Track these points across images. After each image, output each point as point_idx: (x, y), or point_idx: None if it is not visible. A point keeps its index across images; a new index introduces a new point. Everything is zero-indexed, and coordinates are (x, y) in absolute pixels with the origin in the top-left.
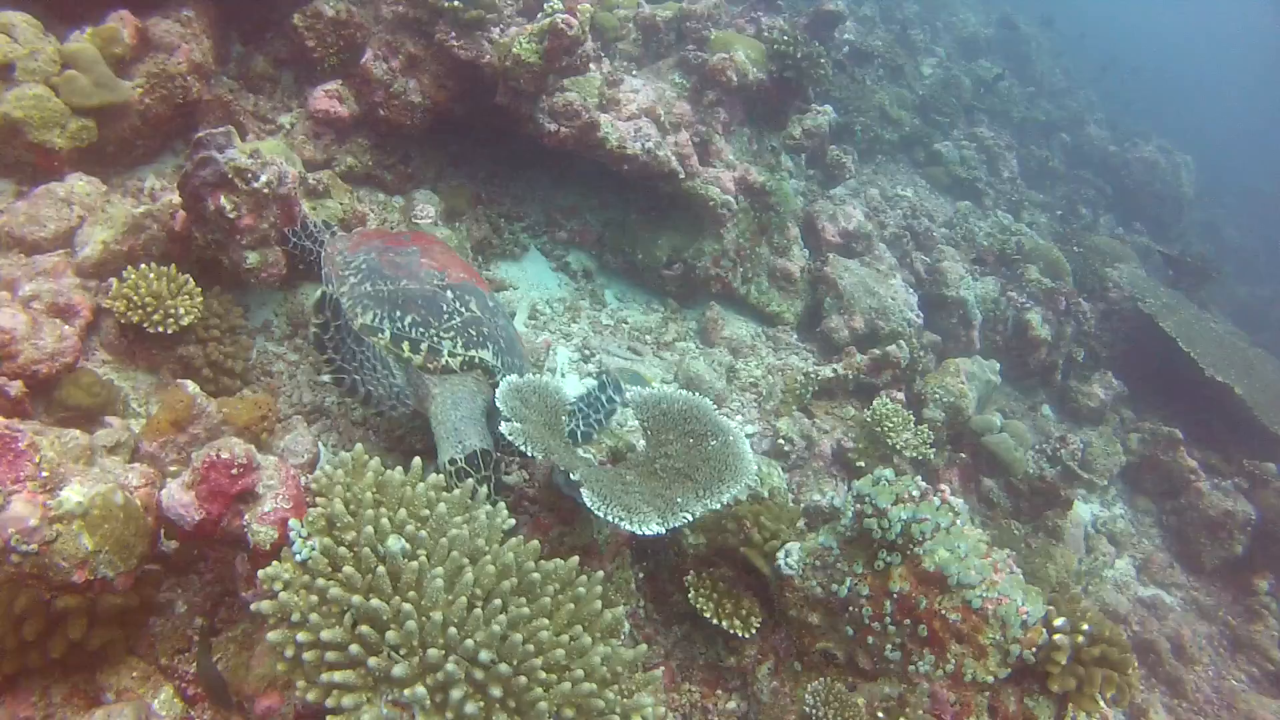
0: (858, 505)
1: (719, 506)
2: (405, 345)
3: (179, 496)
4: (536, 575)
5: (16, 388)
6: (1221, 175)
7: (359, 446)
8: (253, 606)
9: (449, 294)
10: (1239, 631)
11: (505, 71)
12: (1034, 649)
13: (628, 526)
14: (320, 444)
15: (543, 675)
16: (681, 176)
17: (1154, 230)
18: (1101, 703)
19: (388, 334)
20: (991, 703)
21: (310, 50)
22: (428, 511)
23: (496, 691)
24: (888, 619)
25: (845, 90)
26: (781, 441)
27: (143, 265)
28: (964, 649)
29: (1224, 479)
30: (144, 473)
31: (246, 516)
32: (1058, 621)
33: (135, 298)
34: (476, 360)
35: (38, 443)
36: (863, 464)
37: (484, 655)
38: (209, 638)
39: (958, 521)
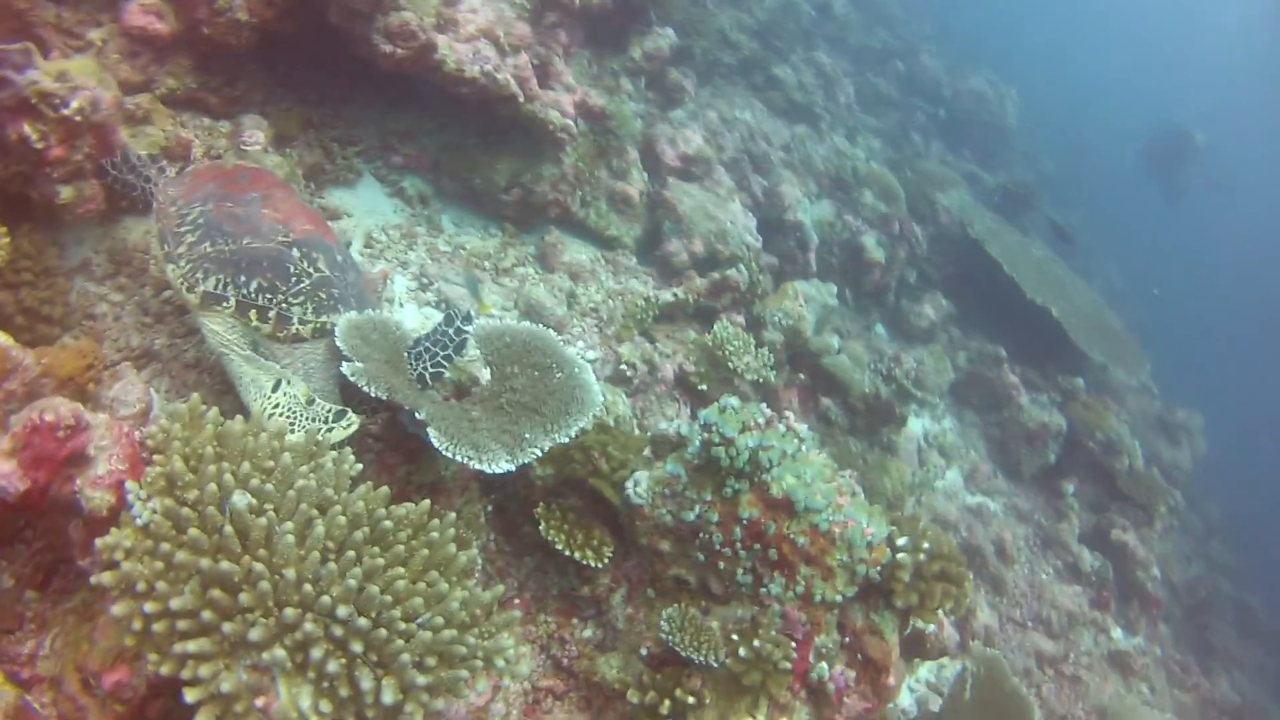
0: (705, 434)
1: (567, 440)
2: (253, 314)
3: (1, 466)
4: (389, 523)
5: None
6: (1041, 109)
7: (195, 396)
8: (93, 579)
9: (295, 252)
10: (1049, 531)
11: None
12: (878, 568)
13: (477, 465)
14: (153, 391)
15: (402, 626)
16: (521, 100)
17: (980, 158)
18: (940, 614)
19: (233, 302)
20: (840, 620)
21: None
22: (272, 463)
23: (357, 647)
24: (738, 544)
25: (685, 12)
26: (624, 367)
27: None
28: (813, 570)
29: (1040, 393)
30: None
31: (78, 481)
32: (900, 541)
33: None
34: (329, 326)
35: None
36: (704, 387)
37: (342, 611)
38: None
39: (803, 447)
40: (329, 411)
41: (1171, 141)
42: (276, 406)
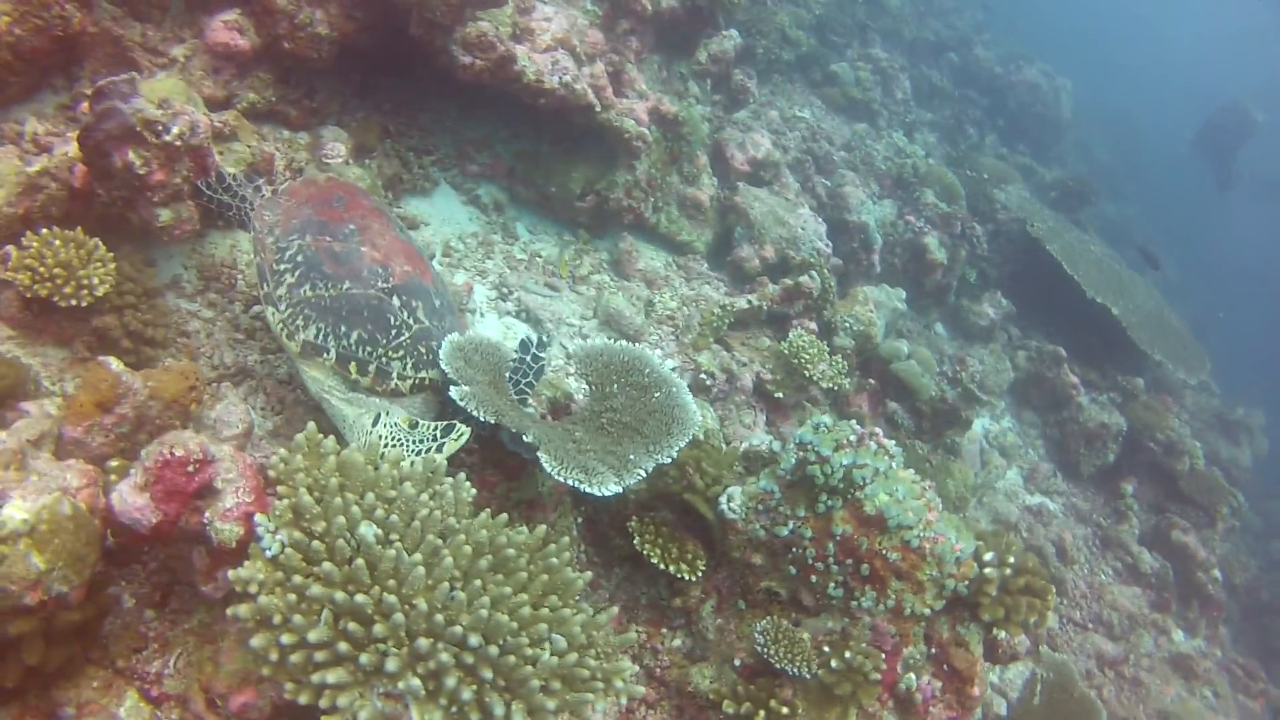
0: (801, 452)
1: (669, 460)
2: (352, 366)
3: (133, 500)
4: (511, 551)
5: None
6: (1096, 98)
7: (311, 425)
8: (230, 612)
9: (395, 302)
10: (1108, 532)
11: (420, 2)
12: (966, 582)
13: (587, 489)
14: (252, 412)
15: (529, 651)
16: (597, 109)
17: (1035, 151)
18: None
19: (333, 354)
20: (927, 632)
21: None
22: (394, 492)
23: (488, 674)
24: (830, 559)
25: (748, 13)
26: (703, 376)
27: (44, 230)
28: (903, 585)
29: (1100, 393)
30: (83, 471)
31: (207, 514)
32: (987, 556)
33: (42, 269)
34: (427, 382)
35: None
36: (780, 395)
37: (473, 640)
38: None
39: (893, 464)
40: (435, 429)
41: (1228, 118)
42: (380, 439)
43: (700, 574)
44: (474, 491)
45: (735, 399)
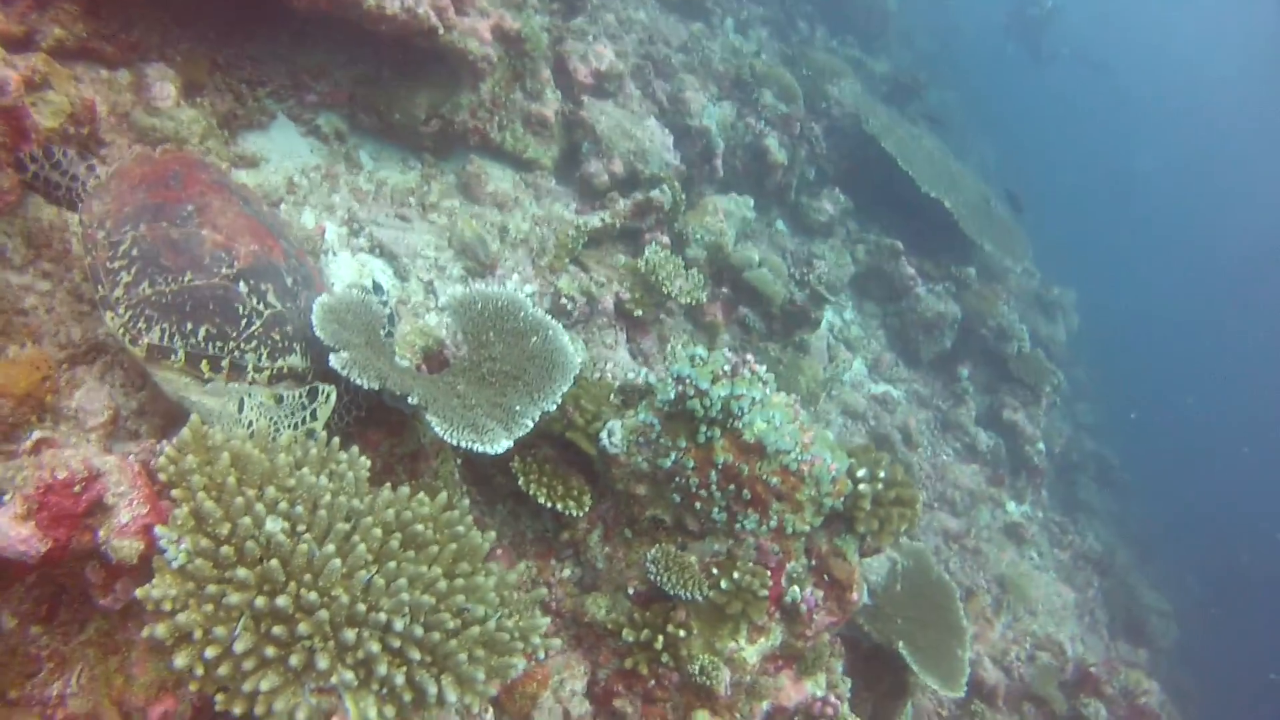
0: (679, 386)
1: (554, 407)
2: (204, 365)
3: (17, 531)
4: (419, 526)
5: None
6: None
7: (194, 418)
8: (145, 633)
9: (242, 288)
10: (948, 414)
11: None
12: (841, 499)
13: (480, 448)
14: (112, 392)
15: (451, 625)
16: (440, 32)
17: (862, 43)
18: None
19: (181, 355)
20: (808, 546)
21: None
22: (293, 481)
23: (416, 655)
24: (713, 486)
25: None
26: (564, 300)
27: None
28: (784, 506)
29: (936, 283)
30: None
31: (101, 533)
32: (860, 473)
33: None
34: (286, 370)
35: None
36: (640, 313)
37: (397, 624)
38: None
39: (767, 391)
40: (301, 397)
41: (1028, 7)
42: (251, 425)
43: (586, 509)
44: (368, 464)
45: (597, 321)
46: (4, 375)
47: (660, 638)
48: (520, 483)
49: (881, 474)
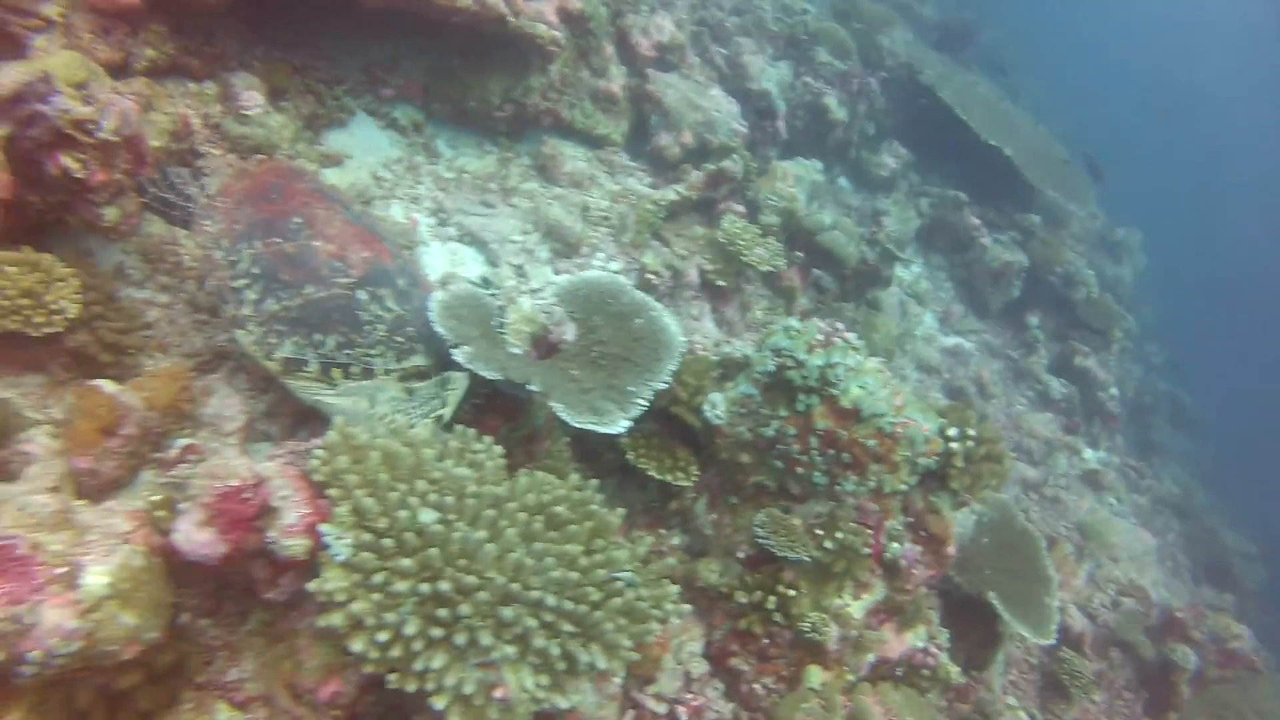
0: (778, 359)
1: (664, 385)
2: (335, 373)
3: (199, 537)
4: (558, 508)
5: None
6: None
7: (339, 421)
8: (321, 622)
9: (363, 296)
10: (1020, 364)
11: None
12: (934, 457)
13: (602, 430)
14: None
15: (595, 596)
16: (510, 19)
17: None
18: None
19: (315, 366)
20: (904, 504)
21: None
22: (439, 473)
23: (568, 627)
24: (814, 452)
25: None
26: (650, 276)
27: None
28: (881, 467)
29: (1001, 232)
30: (129, 513)
31: (271, 533)
32: (951, 432)
33: (4, 302)
34: (412, 370)
35: (37, 540)
36: (723, 283)
37: (550, 600)
38: None
39: (860, 358)
40: (433, 387)
41: None
42: (386, 419)
43: (694, 479)
44: (502, 452)
45: (683, 294)
46: (149, 389)
47: (772, 598)
48: (629, 457)
49: (971, 432)
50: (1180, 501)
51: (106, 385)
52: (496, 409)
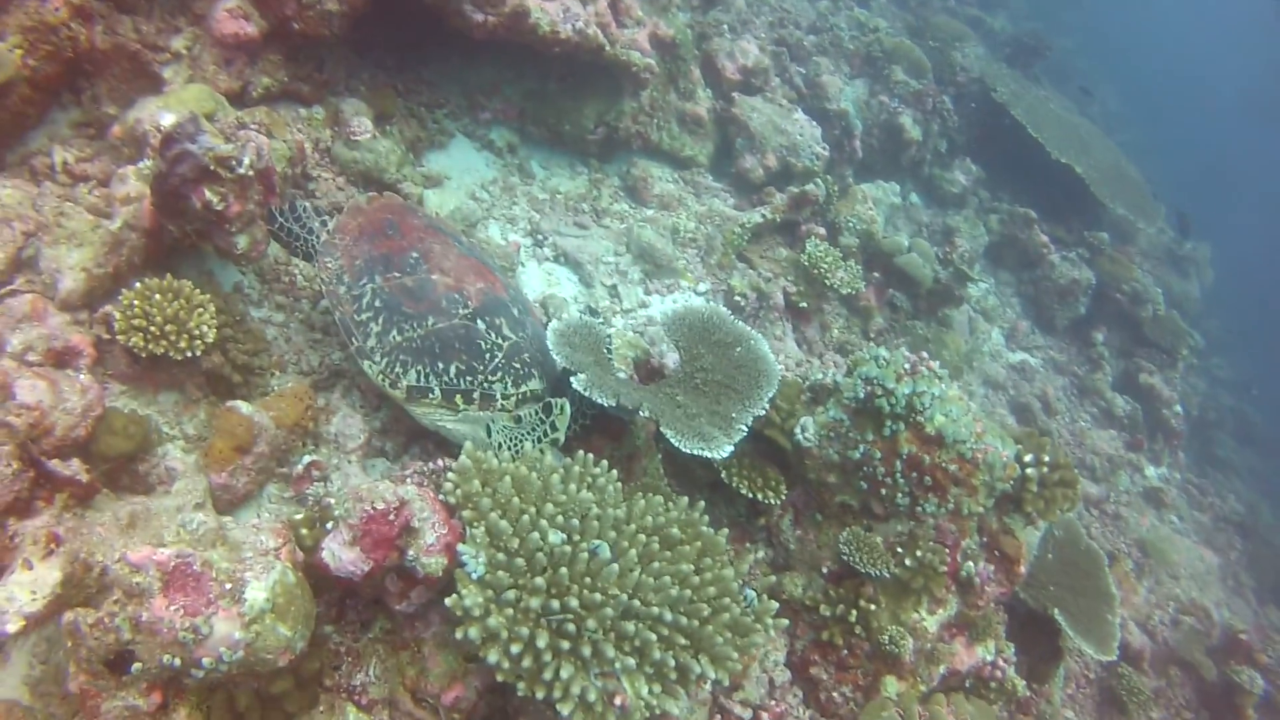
0: (868, 387)
1: (764, 412)
2: (458, 399)
3: (347, 555)
4: (674, 530)
5: (77, 468)
6: None
7: (468, 446)
8: (459, 634)
9: (481, 325)
10: (1085, 380)
11: None
12: (1010, 481)
13: (708, 454)
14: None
15: (706, 611)
16: (606, 49)
17: (981, 0)
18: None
19: (438, 392)
20: (980, 525)
21: None
22: (564, 496)
23: (683, 641)
24: (898, 474)
25: None
26: (737, 298)
27: (139, 285)
28: (960, 490)
29: (1069, 249)
30: (274, 531)
31: (411, 552)
32: (1027, 458)
33: (153, 328)
34: (529, 394)
35: (208, 558)
36: (805, 305)
37: (667, 615)
38: None
39: (944, 387)
40: (538, 414)
41: None
42: (500, 447)
43: (782, 497)
44: (617, 476)
45: (769, 316)
46: (277, 408)
47: (854, 611)
48: (723, 476)
49: (1046, 458)
50: (1245, 520)
51: (243, 406)
52: (603, 430)
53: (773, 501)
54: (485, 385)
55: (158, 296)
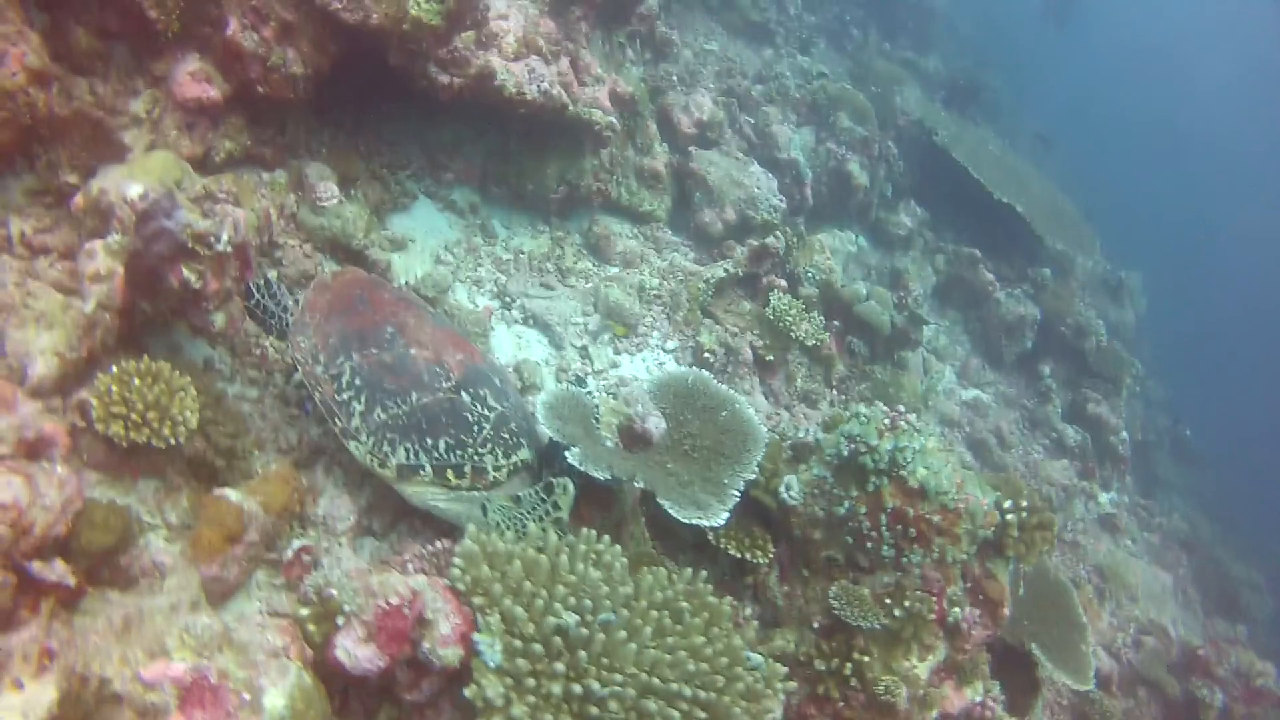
0: (851, 445)
1: (753, 476)
2: (449, 474)
3: (362, 653)
4: (683, 604)
5: (62, 570)
6: None
7: (471, 529)
8: None
9: (465, 398)
10: (1035, 413)
11: (403, 35)
12: (991, 528)
13: (707, 523)
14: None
15: (721, 682)
16: (569, 108)
17: (915, 43)
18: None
19: (429, 469)
20: (964, 571)
21: (152, 20)
22: (574, 576)
23: (702, 714)
24: (883, 528)
25: None
26: (706, 354)
27: (115, 369)
28: (944, 540)
29: (1014, 287)
30: (280, 628)
31: (426, 644)
32: (1007, 504)
33: (133, 416)
34: (519, 465)
35: (223, 668)
36: (771, 358)
37: (686, 690)
38: None
39: (924, 440)
40: (539, 493)
41: None
42: (498, 526)
43: (770, 556)
44: (621, 550)
45: (738, 371)
46: (263, 493)
47: (848, 665)
48: (710, 538)
49: (1024, 503)
50: (1189, 537)
51: (231, 494)
52: (591, 500)
53: (761, 561)
54: (476, 458)
55: (136, 381)
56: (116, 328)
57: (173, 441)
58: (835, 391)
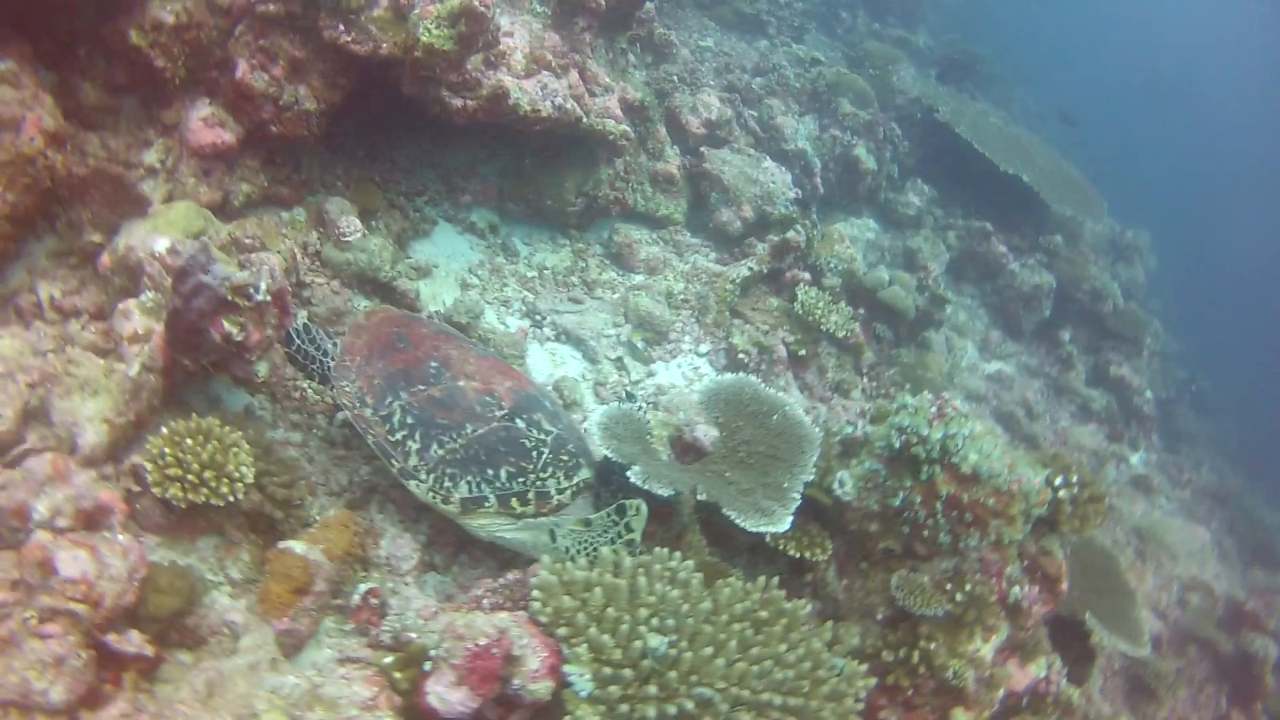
0: (903, 436)
1: (812, 477)
2: (514, 502)
3: (455, 696)
4: (762, 613)
5: (138, 641)
6: None
7: (546, 560)
8: None
9: (520, 424)
10: (1059, 380)
11: (415, 63)
12: (1044, 506)
13: (772, 529)
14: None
15: (806, 687)
16: (583, 120)
17: (903, 19)
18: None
19: (493, 500)
20: (1020, 550)
21: (159, 70)
22: (654, 598)
23: None
24: (939, 515)
25: None
26: (741, 355)
27: (165, 431)
28: (1000, 522)
29: (1027, 256)
30: (367, 679)
31: (516, 680)
32: (1058, 480)
33: (190, 477)
34: (581, 485)
35: None
36: (803, 353)
37: (776, 700)
38: None
39: (971, 424)
40: (609, 516)
41: None
42: (568, 552)
43: (829, 552)
44: (693, 565)
45: (773, 369)
46: (325, 540)
47: (916, 653)
48: (769, 540)
49: (1075, 479)
50: (1218, 488)
51: (296, 546)
52: (651, 514)
53: (820, 558)
54: (539, 484)
55: (189, 441)
56: (161, 388)
57: (232, 499)
58: (866, 379)
